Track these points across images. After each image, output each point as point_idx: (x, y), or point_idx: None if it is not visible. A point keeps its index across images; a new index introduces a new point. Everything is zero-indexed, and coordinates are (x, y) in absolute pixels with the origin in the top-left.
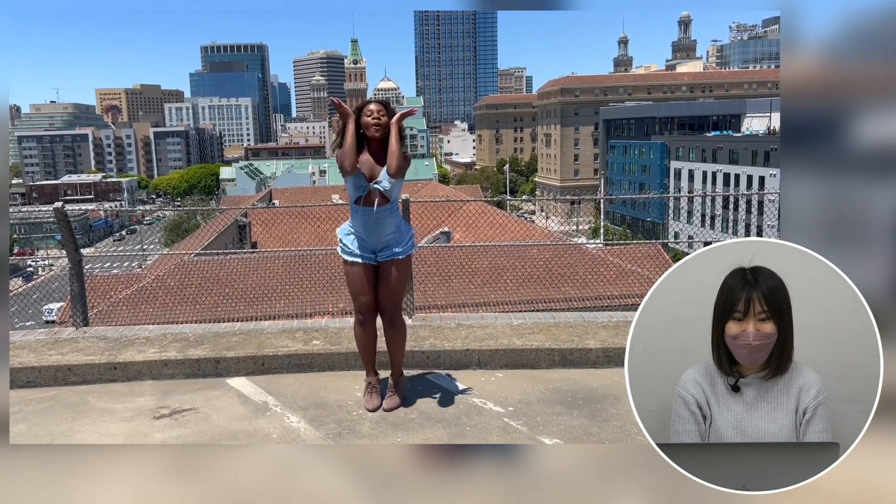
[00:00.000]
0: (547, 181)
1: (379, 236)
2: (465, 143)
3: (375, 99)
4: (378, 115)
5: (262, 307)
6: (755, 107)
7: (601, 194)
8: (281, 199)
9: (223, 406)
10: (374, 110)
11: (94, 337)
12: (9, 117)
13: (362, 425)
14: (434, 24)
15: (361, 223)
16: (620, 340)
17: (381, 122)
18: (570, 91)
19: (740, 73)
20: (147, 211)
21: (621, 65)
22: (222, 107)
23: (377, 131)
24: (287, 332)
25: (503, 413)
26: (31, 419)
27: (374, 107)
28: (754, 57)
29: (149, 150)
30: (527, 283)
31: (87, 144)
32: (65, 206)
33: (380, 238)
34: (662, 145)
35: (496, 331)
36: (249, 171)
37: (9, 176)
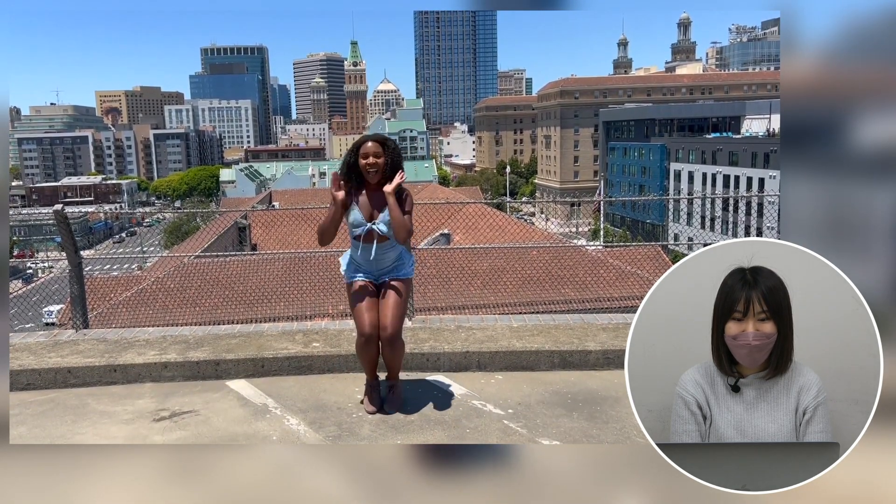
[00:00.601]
0: (547, 183)
1: (380, 268)
2: (464, 144)
3: (373, 137)
4: (375, 160)
5: (262, 309)
6: (755, 108)
7: (601, 196)
8: (281, 201)
9: (223, 408)
10: (370, 152)
11: (93, 339)
12: (9, 119)
13: (362, 428)
14: (434, 26)
15: (362, 257)
16: (620, 342)
17: (377, 166)
18: (570, 93)
19: (740, 75)
20: (147, 213)
21: (621, 67)
22: (222, 109)
23: (374, 177)
24: (287, 334)
25: (503, 415)
26: (31, 421)
27: (371, 148)
28: (754, 59)
29: (149, 152)
30: (526, 284)
31: (87, 146)
32: (65, 208)
33: (381, 269)
34: (662, 147)
35: (496, 333)
36: (249, 173)
37: (9, 178)
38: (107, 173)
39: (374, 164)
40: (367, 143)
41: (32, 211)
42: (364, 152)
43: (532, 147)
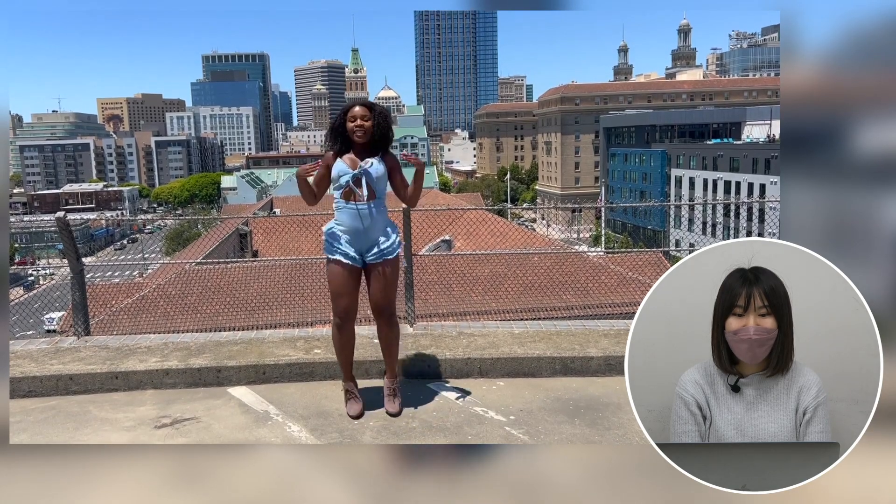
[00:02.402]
0: (548, 189)
1: (367, 234)
2: (465, 151)
3: (361, 101)
4: (362, 122)
5: (264, 316)
6: (755, 114)
7: (602, 202)
8: (282, 207)
9: (224, 415)
10: (357, 115)
11: (95, 346)
12: (10, 126)
13: (364, 434)
14: (434, 33)
15: (349, 217)
16: (622, 349)
17: (364, 128)
18: (571, 99)
19: (740, 81)
20: (148, 220)
21: (621, 73)
22: (223, 116)
23: (361, 137)
24: (288, 340)
25: (504, 422)
26: (32, 429)
27: (358, 111)
28: (754, 65)
29: (150, 159)
30: (528, 291)
31: (89, 153)
32: (67, 215)
33: (368, 237)
34: (663, 153)
35: (497, 339)
36: (250, 179)
37: (9, 185)
38: (108, 180)
39: (360, 126)
40: (354, 107)
41: (34, 218)
42: (352, 115)
43: (533, 153)
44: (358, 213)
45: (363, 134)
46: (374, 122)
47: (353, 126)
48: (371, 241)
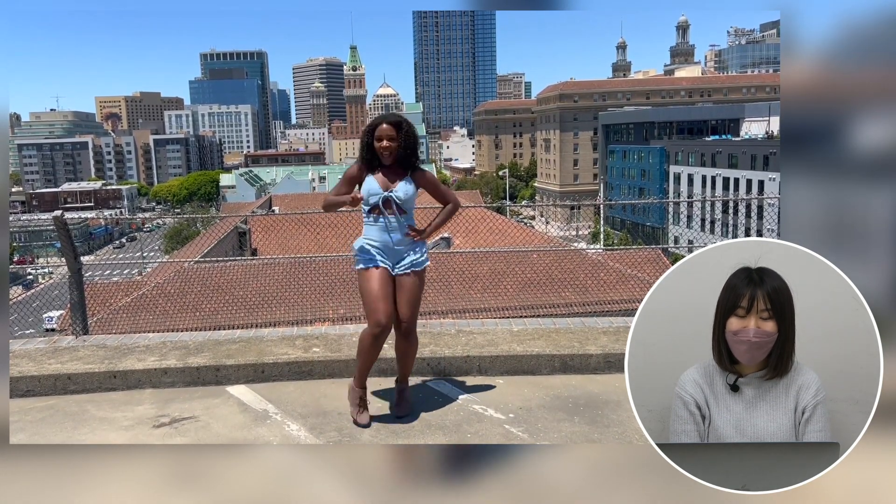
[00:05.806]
0: (546, 186)
1: (397, 248)
2: (464, 148)
3: (389, 118)
4: (389, 143)
5: (262, 314)
6: (754, 111)
7: (601, 199)
8: (281, 205)
9: (223, 414)
10: (384, 136)
11: (93, 345)
12: (9, 125)
13: (363, 433)
14: (433, 30)
15: (378, 232)
16: (621, 346)
17: (390, 149)
18: (569, 96)
19: (739, 78)
20: (147, 218)
21: (620, 70)
22: (222, 114)
23: (387, 160)
24: (287, 339)
25: (504, 420)
26: (31, 428)
27: (384, 131)
28: (752, 61)
29: (149, 157)
30: (527, 288)
31: (87, 152)
32: (64, 214)
33: (397, 251)
34: (661, 150)
35: (496, 337)
36: (249, 177)
37: (9, 184)
38: (107, 179)
39: (387, 148)
40: (381, 124)
41: (32, 217)
42: (378, 135)
43: (531, 150)
44: (387, 228)
45: (389, 156)
46: (400, 142)
47: (380, 147)
48: (400, 256)
